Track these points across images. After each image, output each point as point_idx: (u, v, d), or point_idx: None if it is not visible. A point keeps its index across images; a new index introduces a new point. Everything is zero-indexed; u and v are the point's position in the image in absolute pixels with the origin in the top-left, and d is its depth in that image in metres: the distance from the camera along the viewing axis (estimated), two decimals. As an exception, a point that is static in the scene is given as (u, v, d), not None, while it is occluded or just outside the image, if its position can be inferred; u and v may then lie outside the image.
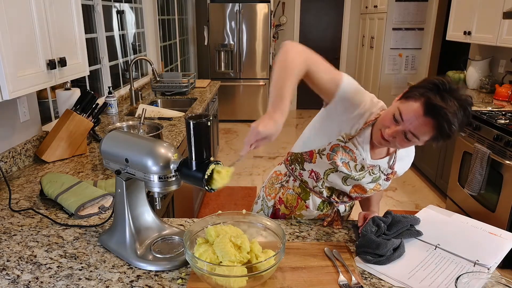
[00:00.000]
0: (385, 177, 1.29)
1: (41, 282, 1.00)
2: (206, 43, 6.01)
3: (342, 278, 1.02)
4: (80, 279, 1.01)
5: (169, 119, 2.67)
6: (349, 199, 1.36)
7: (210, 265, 0.93)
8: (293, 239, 1.23)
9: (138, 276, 1.03)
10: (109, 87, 2.85)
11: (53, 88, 2.42)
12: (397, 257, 1.10)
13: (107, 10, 3.24)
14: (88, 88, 2.89)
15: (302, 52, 1.10)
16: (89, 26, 2.96)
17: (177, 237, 1.17)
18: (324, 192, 1.32)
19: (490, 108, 3.09)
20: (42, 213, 1.36)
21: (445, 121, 1.02)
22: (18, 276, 1.02)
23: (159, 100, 3.53)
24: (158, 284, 1.00)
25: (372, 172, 1.26)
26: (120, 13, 3.58)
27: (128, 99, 3.39)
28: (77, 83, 2.65)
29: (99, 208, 1.37)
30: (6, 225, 1.29)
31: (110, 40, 3.29)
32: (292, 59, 1.07)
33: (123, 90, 3.50)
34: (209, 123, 0.96)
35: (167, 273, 1.05)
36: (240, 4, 5.69)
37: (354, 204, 1.50)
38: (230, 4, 5.71)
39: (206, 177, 0.96)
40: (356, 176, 1.25)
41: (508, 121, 2.69)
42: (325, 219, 1.33)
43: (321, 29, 6.87)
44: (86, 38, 1.87)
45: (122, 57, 3.63)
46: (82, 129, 1.94)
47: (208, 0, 5.92)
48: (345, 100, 1.19)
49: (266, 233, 1.10)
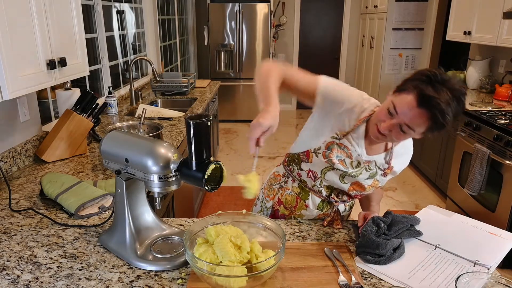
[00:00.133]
0: (382, 172, 1.30)
1: (41, 282, 1.00)
2: (206, 43, 6.01)
3: (342, 278, 1.02)
4: (80, 279, 1.01)
5: (169, 119, 2.67)
6: (349, 197, 1.36)
7: (210, 265, 0.93)
8: (293, 239, 1.23)
9: (138, 276, 1.03)
10: (109, 87, 2.85)
11: (53, 88, 2.42)
12: (397, 257, 1.10)
13: (107, 10, 3.24)
14: (88, 88, 2.89)
15: (277, 64, 1.21)
16: (89, 26, 2.96)
17: (177, 237, 1.17)
18: (323, 191, 1.33)
19: (490, 108, 3.09)
20: (42, 213, 1.36)
21: (438, 111, 1.04)
22: (18, 276, 1.02)
23: (159, 100, 3.53)
24: (158, 284, 1.00)
25: (369, 168, 1.27)
26: (120, 13, 3.58)
27: (128, 99, 3.39)
28: (77, 83, 2.65)
29: (99, 208, 1.37)
30: (6, 225, 1.29)
31: (110, 40, 3.29)
32: (269, 70, 1.18)
33: (123, 90, 3.50)
34: (209, 123, 0.96)
35: (167, 273, 1.05)
36: (240, 4, 5.69)
37: (354, 203, 1.50)
38: (230, 4, 5.71)
39: (206, 177, 0.96)
40: (353, 173, 1.26)
41: (508, 121, 2.69)
42: (325, 219, 1.33)
43: (321, 29, 6.87)
44: (86, 38, 1.87)
45: (122, 57, 3.63)
46: (82, 129, 1.94)
47: (208, 0, 5.92)
48: (327, 98, 1.23)
49: (266, 233, 1.10)
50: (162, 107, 3.33)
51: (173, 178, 1.02)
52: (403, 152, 1.34)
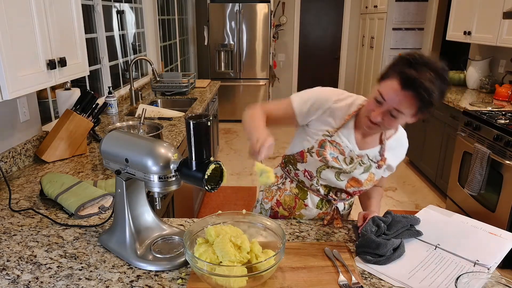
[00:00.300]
0: (376, 164, 1.31)
1: (41, 282, 1.00)
2: (206, 43, 6.01)
3: (342, 278, 1.02)
4: (80, 279, 1.01)
5: (169, 119, 2.67)
6: (348, 195, 1.37)
7: (210, 265, 0.93)
8: (293, 239, 1.23)
9: (138, 276, 1.03)
10: (109, 87, 2.85)
11: (53, 88, 2.42)
12: (397, 257, 1.10)
13: (107, 10, 3.24)
14: (88, 88, 2.89)
15: (257, 107, 1.33)
16: (89, 26, 2.96)
17: (177, 237, 1.17)
18: (321, 190, 1.34)
19: (490, 108, 3.09)
20: (42, 213, 1.36)
21: (423, 90, 1.06)
22: (18, 276, 1.02)
23: (159, 100, 3.53)
24: (158, 284, 1.00)
25: (362, 162, 1.30)
26: (120, 13, 3.58)
27: (128, 99, 3.39)
28: (77, 83, 2.65)
29: (99, 208, 1.37)
30: (6, 225, 1.29)
31: (110, 40, 3.29)
32: (253, 113, 1.30)
33: (123, 90, 3.50)
34: (209, 123, 0.96)
35: (167, 273, 1.05)
36: (240, 4, 5.69)
37: (354, 202, 1.50)
38: (230, 4, 5.71)
39: (206, 177, 0.96)
40: (347, 169, 1.28)
41: (508, 121, 2.69)
42: (324, 218, 1.33)
43: (321, 29, 6.87)
44: (86, 38, 1.87)
45: (122, 57, 3.63)
46: (82, 129, 1.94)
47: (208, 0, 5.92)
48: (303, 112, 1.30)
49: (266, 233, 1.10)
50: (162, 107, 3.33)
51: (173, 178, 1.02)
52: (397, 145, 1.35)
